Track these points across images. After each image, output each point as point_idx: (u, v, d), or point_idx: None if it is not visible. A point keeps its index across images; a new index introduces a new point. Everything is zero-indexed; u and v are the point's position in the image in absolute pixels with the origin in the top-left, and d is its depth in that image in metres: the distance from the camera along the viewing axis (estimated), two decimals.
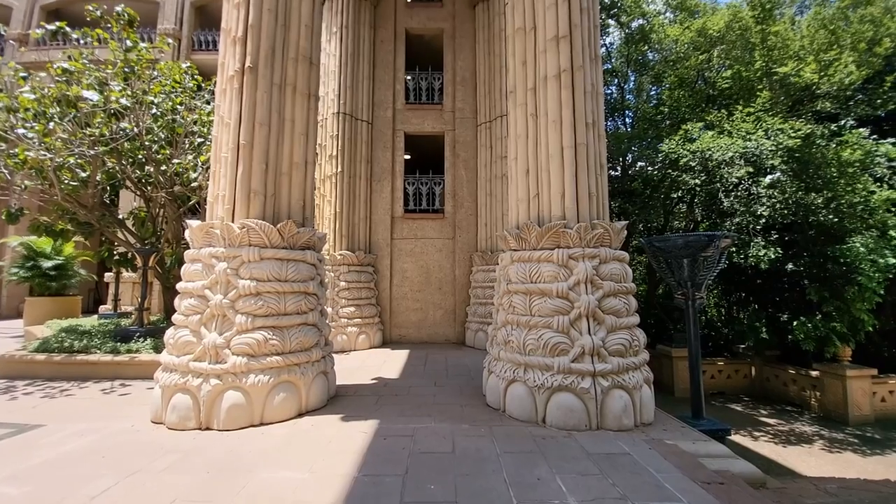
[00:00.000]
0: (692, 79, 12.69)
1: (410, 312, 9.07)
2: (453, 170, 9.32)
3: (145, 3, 15.64)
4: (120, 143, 7.19)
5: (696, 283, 5.11)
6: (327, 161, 8.59)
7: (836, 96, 11.23)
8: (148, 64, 7.87)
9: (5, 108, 6.87)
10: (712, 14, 12.90)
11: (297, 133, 5.04)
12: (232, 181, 4.61)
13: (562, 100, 4.67)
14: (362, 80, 9.01)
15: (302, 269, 4.69)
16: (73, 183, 7.50)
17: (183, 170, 7.68)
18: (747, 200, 9.76)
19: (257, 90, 4.68)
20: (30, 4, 15.76)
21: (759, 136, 9.63)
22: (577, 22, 4.72)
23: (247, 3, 4.72)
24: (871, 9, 12.41)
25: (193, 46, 15.60)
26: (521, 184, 4.98)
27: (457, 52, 9.55)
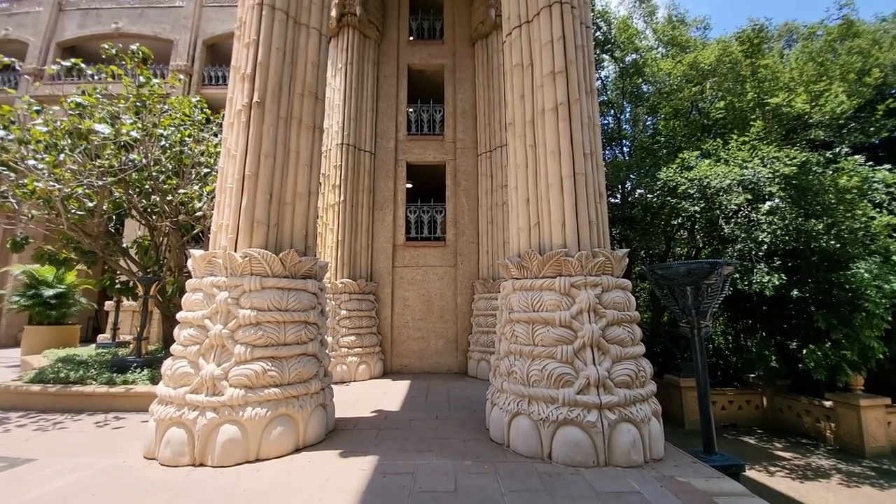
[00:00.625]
0: (686, 109, 13.04)
1: (412, 341, 8.94)
2: (454, 198, 9.44)
3: (159, 41, 16.41)
4: (128, 174, 7.34)
5: (700, 311, 5.06)
6: (330, 190, 8.73)
7: (828, 125, 11.49)
8: (159, 98, 8.15)
9: (17, 140, 7.06)
10: (703, 49, 13.41)
11: (301, 164, 5.15)
12: (236, 211, 4.66)
13: (559, 131, 4.78)
14: (366, 112, 9.28)
15: (303, 299, 4.67)
16: (80, 212, 7.60)
17: (188, 199, 7.80)
18: (748, 227, 9.79)
19: (264, 123, 4.82)
20: (46, 41, 16.47)
21: (755, 164, 9.78)
22: (572, 58, 4.90)
23: (256, 42, 4.93)
24: (859, 41, 12.90)
25: (203, 81, 16.21)
26: (521, 212, 5.03)
27: (457, 85, 9.88)
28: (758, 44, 12.16)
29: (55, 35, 16.55)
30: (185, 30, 16.20)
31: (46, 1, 16.65)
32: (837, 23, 13.97)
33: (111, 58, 8.07)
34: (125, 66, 8.00)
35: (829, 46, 12.74)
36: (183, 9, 16.45)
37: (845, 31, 13.26)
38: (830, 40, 12.93)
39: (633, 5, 15.55)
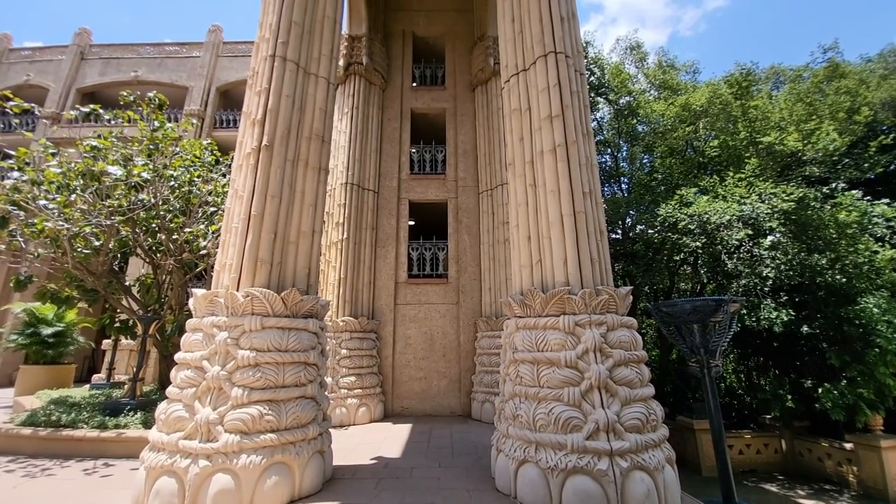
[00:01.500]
0: (681, 148, 13.40)
1: (414, 381, 8.69)
2: (456, 235, 9.52)
3: (175, 88, 17.28)
4: (136, 213, 7.49)
5: (709, 349, 4.94)
6: (334, 228, 8.84)
7: (822, 161, 11.73)
8: (171, 141, 8.46)
9: (30, 181, 7.27)
10: (693, 91, 13.98)
11: (306, 204, 5.25)
12: (240, 250, 4.70)
13: (558, 172, 4.89)
14: (370, 153, 9.58)
15: (303, 339, 4.60)
16: (86, 251, 7.69)
17: (193, 237, 7.90)
18: (751, 262, 9.77)
19: (271, 165, 4.96)
20: (66, 87, 17.32)
21: (753, 200, 9.91)
22: (567, 103, 5.10)
23: (267, 91, 5.18)
24: (845, 81, 13.43)
25: (215, 124, 16.90)
26: (523, 250, 5.04)
27: (458, 127, 10.25)
28: (746, 86, 12.68)
29: (76, 82, 17.46)
30: (200, 77, 17.09)
31: (69, 50, 17.70)
32: (823, 65, 14.63)
33: (128, 104, 8.47)
34: (141, 111, 8.38)
35: (817, 87, 13.27)
36: (200, 59, 17.45)
37: (831, 72, 13.85)
38: (817, 82, 13.49)
39: (624, 52, 16.39)
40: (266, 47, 5.40)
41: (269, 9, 5.54)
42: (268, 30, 5.46)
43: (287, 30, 5.40)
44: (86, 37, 18.09)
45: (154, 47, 17.88)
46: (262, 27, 5.58)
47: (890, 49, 15.90)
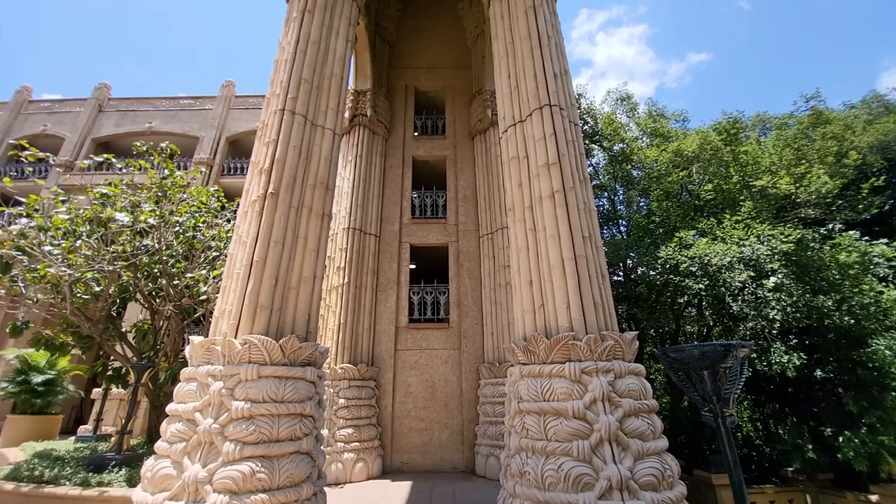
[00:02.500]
0: (676, 191, 13.70)
1: (414, 434, 8.29)
2: (458, 279, 9.50)
3: (187, 137, 18.04)
4: (139, 258, 7.53)
5: (722, 397, 4.74)
6: (335, 272, 8.84)
7: (816, 203, 11.94)
8: (180, 189, 8.69)
9: (38, 227, 7.37)
10: (684, 138, 14.53)
11: (308, 249, 5.28)
12: (241, 296, 4.67)
13: (557, 216, 4.97)
14: (372, 198, 9.80)
15: (300, 388, 4.45)
16: (85, 296, 7.64)
17: (194, 282, 7.89)
18: (756, 304, 9.66)
19: (276, 212, 5.05)
20: (82, 136, 18.05)
21: (752, 242, 9.97)
22: (564, 152, 5.29)
23: (275, 142, 5.39)
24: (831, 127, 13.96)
25: (223, 171, 17.45)
26: (525, 294, 5.01)
27: (458, 174, 10.56)
28: (734, 133, 13.19)
29: (91, 132, 18.25)
30: (211, 128, 17.89)
31: (88, 103, 18.66)
32: (807, 113, 15.30)
33: (141, 153, 8.80)
34: (153, 160, 8.68)
35: (803, 133, 13.78)
36: (212, 111, 18.36)
37: (816, 119, 14.45)
38: (803, 128, 14.03)
39: (615, 103, 17.23)
40: (276, 102, 5.69)
41: (281, 68, 5.90)
42: (279, 86, 5.79)
43: (297, 86, 5.72)
44: (105, 91, 19.14)
45: (169, 100, 18.87)
46: (274, 84, 5.91)
47: (872, 95, 16.71)
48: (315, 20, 6.13)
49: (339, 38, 6.41)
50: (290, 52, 5.90)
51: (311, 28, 6.07)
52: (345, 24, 6.56)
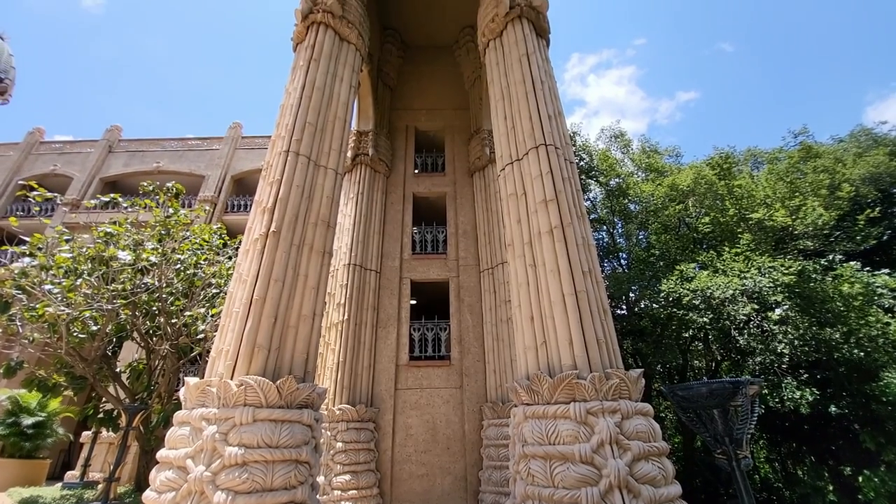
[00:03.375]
0: (675, 225, 13.84)
1: (415, 480, 7.89)
2: (458, 314, 9.40)
3: (193, 176, 18.46)
4: (139, 296, 7.51)
5: (734, 438, 4.56)
6: (335, 309, 8.77)
7: (814, 235, 12.02)
8: (183, 227, 8.80)
9: (40, 265, 7.40)
10: (678, 172, 14.87)
11: (308, 287, 5.27)
12: (238, 335, 4.61)
13: (557, 252, 5.00)
14: (373, 235, 9.89)
15: (296, 433, 4.29)
16: (82, 335, 7.55)
17: (192, 320, 7.81)
18: (763, 338, 9.51)
19: (277, 250, 5.09)
20: (90, 176, 18.43)
21: (753, 274, 9.95)
22: (560, 189, 5.40)
23: (279, 181, 5.52)
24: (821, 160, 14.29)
25: (226, 209, 17.73)
26: (526, 331, 4.94)
27: (458, 210, 10.72)
28: (727, 168, 13.51)
29: (100, 171, 18.68)
30: (217, 167, 18.35)
31: (99, 144, 19.23)
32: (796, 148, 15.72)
33: (147, 193, 8.98)
34: (158, 199, 8.85)
35: (794, 167, 14.10)
36: (218, 151, 18.92)
37: (805, 153, 14.83)
38: (794, 162, 14.37)
39: (609, 140, 17.78)
40: (281, 144, 5.87)
41: (287, 112, 6.15)
42: (284, 129, 6.00)
43: (301, 129, 5.93)
44: (116, 132, 19.82)
45: (178, 141, 19.49)
46: (279, 127, 6.13)
47: (860, 129, 17.23)
48: (321, 68, 6.46)
49: (343, 85, 6.72)
50: (296, 97, 6.16)
51: (317, 75, 6.38)
52: (348, 72, 6.89)
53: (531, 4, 6.83)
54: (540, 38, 6.89)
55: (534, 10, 6.82)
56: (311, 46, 6.61)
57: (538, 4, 6.88)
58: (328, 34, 6.76)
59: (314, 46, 6.60)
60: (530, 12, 6.80)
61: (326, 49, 6.65)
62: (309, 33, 6.76)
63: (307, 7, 6.83)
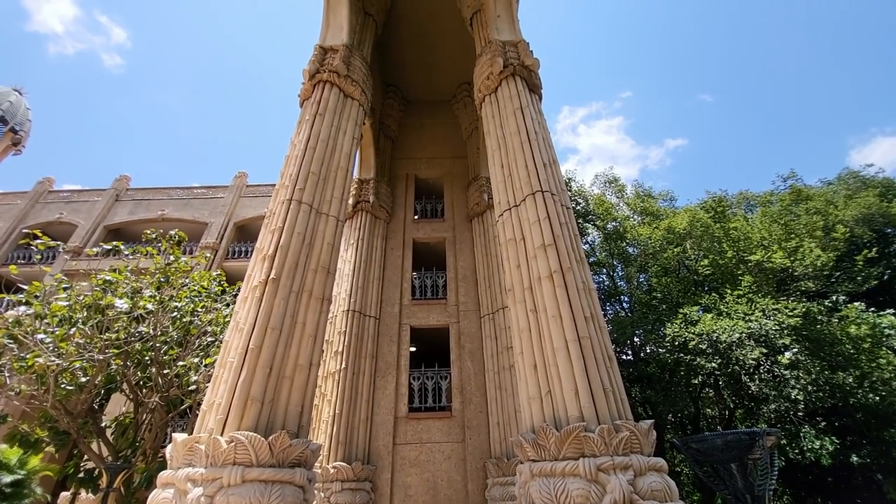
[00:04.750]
0: (674, 267, 13.86)
1: None
2: (459, 362, 9.14)
3: (196, 223, 18.74)
4: (132, 345, 7.33)
5: (756, 495, 4.28)
6: (332, 357, 8.55)
7: (815, 276, 11.99)
8: (182, 274, 8.78)
9: (35, 314, 7.29)
10: (674, 216, 15.13)
11: (306, 335, 5.17)
12: (232, 387, 4.45)
13: (557, 297, 4.95)
14: (373, 280, 9.87)
15: (287, 495, 4.00)
16: (70, 387, 7.28)
17: (185, 371, 7.57)
18: (775, 384, 9.20)
19: (276, 297, 5.04)
20: (94, 224, 18.68)
21: (758, 317, 9.81)
22: (558, 234, 5.46)
23: (281, 229, 5.59)
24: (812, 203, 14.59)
25: (227, 255, 17.83)
26: (530, 380, 4.78)
27: (458, 254, 10.78)
28: (721, 211, 13.77)
29: (105, 219, 18.98)
30: (220, 214, 18.69)
31: (106, 193, 19.69)
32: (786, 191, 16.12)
33: (150, 240, 9.06)
34: (160, 246, 8.91)
35: (787, 210, 14.38)
36: (223, 199, 19.36)
37: (796, 196, 15.19)
38: (786, 205, 14.67)
39: (603, 185, 18.28)
40: (285, 192, 6.02)
41: (291, 162, 6.36)
42: (288, 178, 6.17)
43: (305, 178, 6.09)
44: (125, 182, 20.38)
45: (184, 190, 20.00)
46: (284, 176, 6.31)
47: (847, 173, 17.79)
48: (325, 122, 6.77)
49: (346, 137, 7.01)
50: (300, 148, 6.40)
51: (322, 128, 6.67)
52: (351, 125, 7.22)
53: (523, 64, 7.29)
54: (532, 94, 7.28)
55: (526, 69, 7.27)
56: (316, 102, 6.97)
57: (529, 64, 7.35)
58: (333, 91, 7.15)
59: (320, 102, 6.96)
60: (523, 70, 7.24)
61: (331, 105, 7.01)
62: (315, 91, 7.16)
63: (315, 68, 7.29)
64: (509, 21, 8.09)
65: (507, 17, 8.11)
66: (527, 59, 7.35)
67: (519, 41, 7.65)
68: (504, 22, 8.04)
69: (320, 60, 7.37)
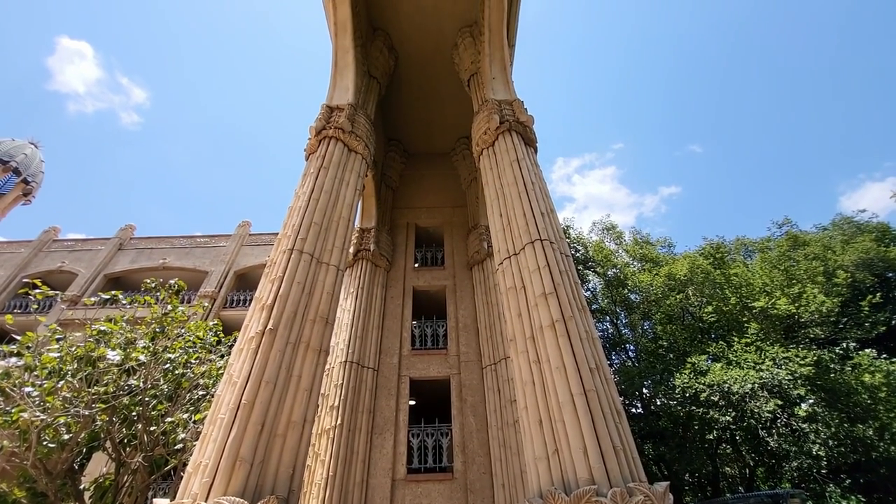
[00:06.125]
0: (678, 314, 13.68)
1: None
2: (461, 416, 8.72)
3: (196, 272, 18.78)
4: (119, 399, 7.05)
5: None
6: (327, 412, 8.17)
7: (822, 323, 11.78)
8: (178, 324, 8.64)
9: (25, 366, 7.08)
10: (673, 262, 15.17)
11: (301, 389, 4.98)
12: (220, 447, 4.21)
13: (560, 347, 4.83)
14: (372, 330, 9.69)
15: None
16: (52, 444, 6.91)
17: (173, 427, 7.22)
18: (794, 439, 8.72)
19: (272, 349, 4.92)
20: (95, 272, 18.67)
21: (769, 366, 9.52)
22: (559, 282, 5.44)
23: (281, 279, 5.58)
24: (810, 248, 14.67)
25: (225, 304, 17.68)
26: (536, 437, 4.53)
27: (458, 302, 10.68)
28: (720, 257, 13.84)
29: (106, 268, 19.02)
30: (221, 263, 18.79)
31: (110, 242, 19.90)
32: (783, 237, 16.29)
33: (149, 289, 9.02)
34: (158, 296, 8.85)
35: (786, 256, 14.44)
36: (225, 248, 19.56)
37: (793, 242, 15.32)
38: (784, 251, 14.76)
39: (602, 232, 18.53)
40: (286, 242, 6.08)
41: (295, 213, 6.49)
42: (290, 228, 6.27)
43: (307, 228, 6.19)
44: (129, 231, 20.68)
45: (187, 239, 20.26)
46: (286, 226, 6.42)
47: (841, 218, 18.08)
48: (329, 175, 7.00)
49: (349, 188, 7.22)
50: (304, 200, 6.57)
51: (325, 180, 6.89)
52: (354, 177, 7.47)
53: (518, 120, 7.69)
54: (528, 147, 7.60)
55: (521, 125, 7.66)
56: (321, 156, 7.26)
57: (524, 120, 7.74)
58: (338, 146, 7.48)
59: (325, 156, 7.25)
60: (518, 126, 7.62)
61: (336, 159, 7.29)
62: (321, 145, 7.48)
63: (321, 124, 7.67)
64: (504, 82, 8.64)
65: (502, 79, 8.67)
66: (521, 116, 7.76)
67: (514, 100, 8.12)
68: (499, 83, 8.59)
69: (326, 118, 7.77)
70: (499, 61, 8.76)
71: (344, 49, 8.61)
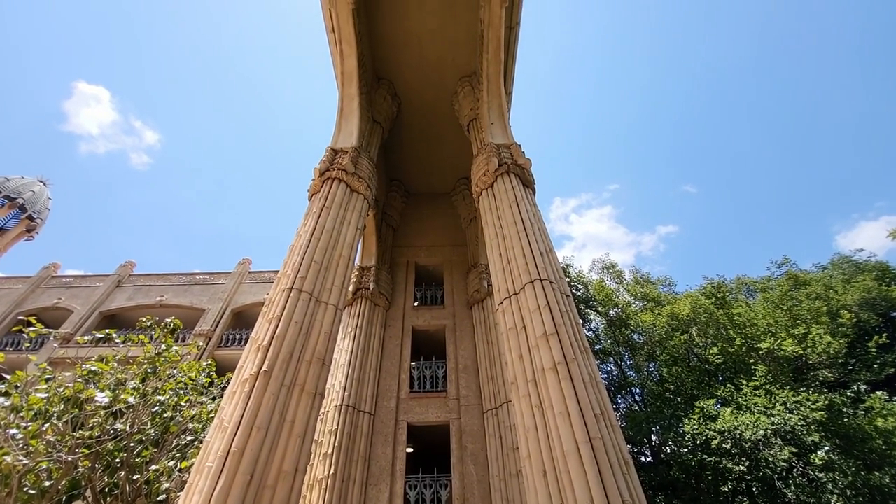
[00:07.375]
0: (683, 356, 13.38)
1: None
2: (461, 465, 8.29)
3: (194, 310, 18.55)
4: (104, 444, 6.73)
5: None
6: (320, 461, 7.78)
7: (830, 365, 11.50)
8: (171, 364, 8.42)
9: (11, 406, 6.81)
10: (675, 302, 15.04)
11: (294, 435, 4.78)
12: (206, 499, 3.98)
13: (563, 391, 4.69)
14: (369, 371, 9.44)
15: None
16: (32, 491, 6.51)
17: (156, 476, 6.84)
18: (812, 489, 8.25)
19: (266, 392, 4.77)
20: (90, 310, 18.39)
21: (780, 410, 9.18)
22: (560, 322, 5.37)
23: (278, 318, 5.52)
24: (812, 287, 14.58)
25: (220, 343, 17.32)
26: (540, 489, 4.29)
27: (458, 342, 10.47)
28: (722, 297, 13.73)
29: (102, 305, 18.78)
30: (219, 301, 18.61)
31: (109, 279, 19.78)
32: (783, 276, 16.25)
33: (144, 328, 8.87)
34: (153, 335, 8.68)
35: (788, 296, 14.34)
36: (223, 285, 19.45)
37: (794, 282, 15.26)
38: (785, 290, 14.67)
39: (602, 271, 18.53)
40: (286, 281, 6.07)
41: (295, 251, 6.53)
42: (290, 267, 6.28)
43: (307, 267, 6.20)
44: (129, 268, 20.64)
45: (186, 276, 20.20)
46: (286, 265, 6.43)
47: (840, 258, 18.12)
48: (331, 214, 7.12)
49: (350, 228, 7.31)
50: (305, 238, 6.63)
51: (327, 220, 6.99)
52: (356, 217, 7.58)
53: (517, 163, 7.93)
54: (526, 188, 7.79)
55: (519, 167, 7.89)
56: (324, 196, 7.41)
57: (522, 162, 7.98)
58: (341, 187, 7.66)
59: (327, 197, 7.40)
60: (516, 168, 7.84)
61: (338, 199, 7.44)
62: (324, 186, 7.66)
63: (325, 166, 7.90)
64: (502, 127, 9.00)
65: (500, 124, 9.04)
66: (519, 159, 8.01)
67: (512, 144, 8.41)
68: (497, 128, 8.94)
69: (330, 160, 8.02)
70: (497, 108, 9.17)
71: (349, 97, 9.04)
